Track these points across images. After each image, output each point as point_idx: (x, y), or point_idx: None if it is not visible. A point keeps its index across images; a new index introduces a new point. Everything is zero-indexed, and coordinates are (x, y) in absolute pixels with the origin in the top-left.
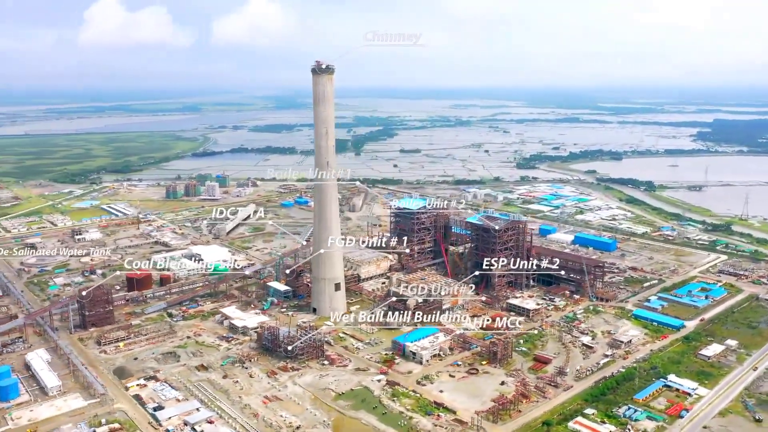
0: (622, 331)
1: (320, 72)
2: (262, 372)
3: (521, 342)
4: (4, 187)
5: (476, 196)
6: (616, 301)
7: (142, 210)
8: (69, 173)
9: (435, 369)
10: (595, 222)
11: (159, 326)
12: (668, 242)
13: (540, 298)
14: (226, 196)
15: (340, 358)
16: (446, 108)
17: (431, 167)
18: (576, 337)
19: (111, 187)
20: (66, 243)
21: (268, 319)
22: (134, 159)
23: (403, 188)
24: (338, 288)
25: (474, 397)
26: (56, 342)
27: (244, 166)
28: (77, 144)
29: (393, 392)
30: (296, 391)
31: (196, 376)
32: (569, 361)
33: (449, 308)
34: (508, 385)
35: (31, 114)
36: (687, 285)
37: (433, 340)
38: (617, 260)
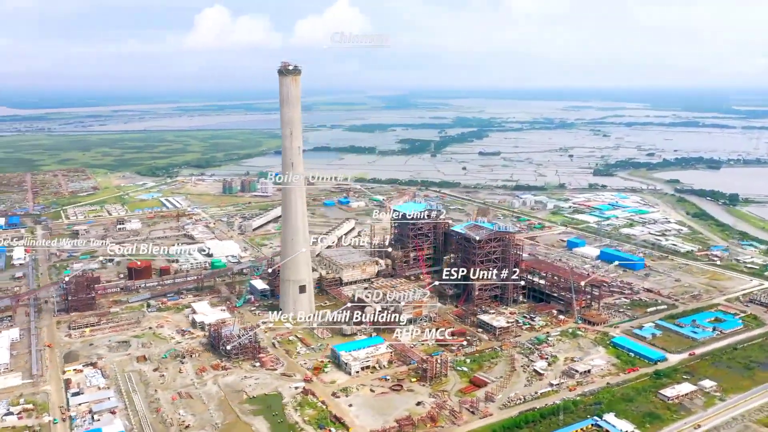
0: (586, 360)
1: (286, 73)
2: (193, 368)
3: (467, 361)
4: (91, 177)
5: (525, 203)
6: (605, 326)
7: (192, 203)
8: (154, 167)
9: (360, 381)
10: (640, 237)
11: (130, 316)
12: (711, 263)
13: (522, 315)
14: (278, 193)
15: (273, 361)
16: (557, 110)
17: (501, 171)
18: (532, 362)
19: (181, 180)
20: (108, 232)
21: (229, 316)
22: (220, 155)
23: (455, 191)
24: (303, 290)
25: (380, 415)
26: (30, 323)
27: (316, 164)
28: (181, 140)
29: (302, 401)
30: (211, 391)
31: (132, 367)
32: (507, 386)
33: (412, 318)
34: (424, 406)
35: (160, 111)
36: (699, 313)
37: (372, 351)
38: (638, 280)
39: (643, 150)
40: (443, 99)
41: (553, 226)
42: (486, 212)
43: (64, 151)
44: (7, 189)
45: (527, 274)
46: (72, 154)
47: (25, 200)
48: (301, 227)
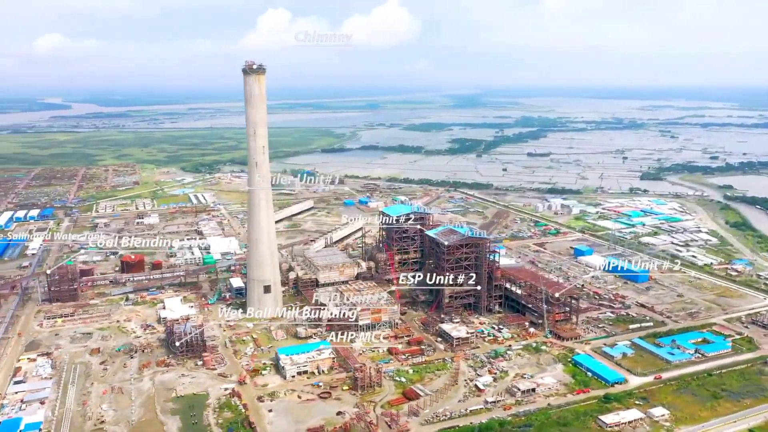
0: (536, 377)
1: (249, 72)
2: (138, 363)
3: (409, 371)
4: (137, 172)
5: (550, 207)
6: (575, 341)
7: (218, 200)
8: (199, 163)
9: (293, 386)
10: (660, 246)
11: (105, 308)
12: (727, 278)
13: (492, 325)
14: (303, 191)
15: (217, 360)
16: (634, 109)
17: (543, 172)
18: (479, 376)
19: (218, 177)
20: (127, 225)
21: (195, 312)
22: (270, 152)
23: (484, 193)
24: (268, 290)
25: (296, 423)
26: (9, 311)
27: (355, 162)
28: (238, 137)
29: (224, 403)
30: (144, 387)
31: (83, 359)
32: (439, 401)
33: (370, 324)
34: (343, 416)
35: (232, 109)
36: (686, 333)
37: (314, 355)
38: (636, 293)
39: (707, 153)
40: (516, 98)
41: (569, 233)
42: (503, 216)
43: (126, 146)
44: (58, 182)
45: (506, 282)
46: (132, 149)
47: (68, 193)
48: (266, 227)
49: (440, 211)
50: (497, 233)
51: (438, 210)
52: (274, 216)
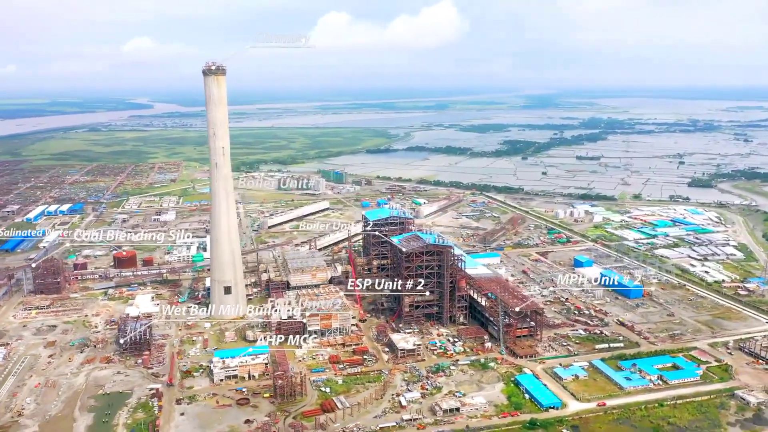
0: (469, 396)
1: (209, 73)
2: (83, 358)
3: (339, 382)
4: (179, 170)
5: (573, 214)
6: (531, 359)
7: (241, 199)
8: (241, 162)
9: (216, 390)
10: (674, 259)
11: (82, 302)
12: (731, 298)
13: (449, 337)
14: (327, 192)
15: (157, 360)
16: (717, 110)
17: (584, 177)
18: (409, 391)
19: (251, 176)
20: (144, 222)
21: (157, 310)
22: (312, 152)
23: (510, 197)
24: (228, 291)
25: (202, 428)
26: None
27: (393, 163)
28: (292, 136)
29: (143, 404)
30: (76, 383)
31: (36, 351)
32: (355, 415)
33: (319, 330)
34: (250, 425)
35: (300, 109)
36: (655, 356)
37: (247, 360)
38: (622, 310)
39: None
40: (595, 98)
41: (581, 242)
42: (516, 221)
43: (182, 144)
44: (103, 178)
45: (475, 293)
46: (186, 148)
47: (107, 189)
48: (226, 228)
49: (456, 216)
50: (503, 240)
51: (455, 214)
52: (235, 216)
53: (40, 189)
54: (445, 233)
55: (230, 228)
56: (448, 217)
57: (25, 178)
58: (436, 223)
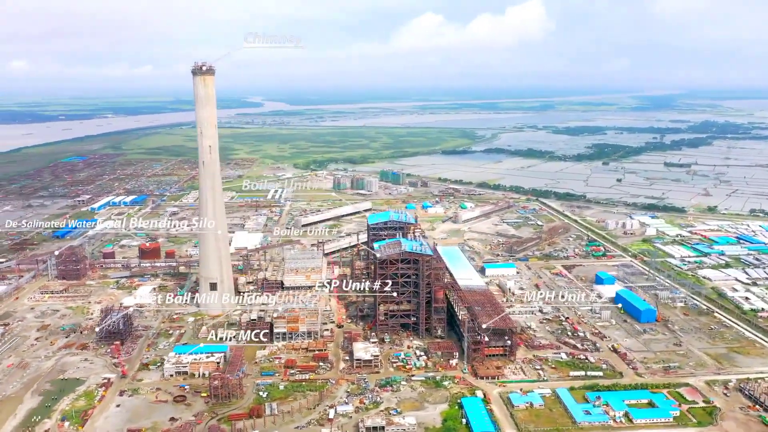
0: (402, 415)
1: (197, 73)
2: (63, 344)
3: (281, 387)
4: (250, 167)
5: (624, 225)
6: (491, 381)
7: (293, 197)
8: (313, 160)
9: (161, 384)
10: (716, 282)
11: (94, 289)
12: (763, 331)
13: (419, 350)
14: (380, 192)
15: (122, 352)
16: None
17: (661, 186)
18: (346, 403)
19: (314, 174)
20: (192, 215)
21: (150, 302)
22: (387, 152)
23: (565, 205)
24: (214, 287)
25: (127, 422)
26: (17, 283)
27: (463, 165)
28: (376, 136)
29: (89, 392)
30: (44, 366)
31: (29, 332)
32: (277, 423)
33: (286, 333)
34: (173, 422)
35: (398, 109)
36: (629, 391)
37: (202, 358)
38: (623, 335)
39: None
40: (719, 100)
41: (618, 257)
42: (557, 231)
43: (266, 142)
44: (178, 172)
45: (456, 305)
46: (268, 145)
47: (176, 183)
48: (210, 225)
49: (497, 222)
50: (533, 250)
51: (497, 220)
52: (223, 213)
53: (119, 180)
54: (478, 240)
55: (216, 225)
56: (488, 223)
57: (112, 171)
58: (472, 228)
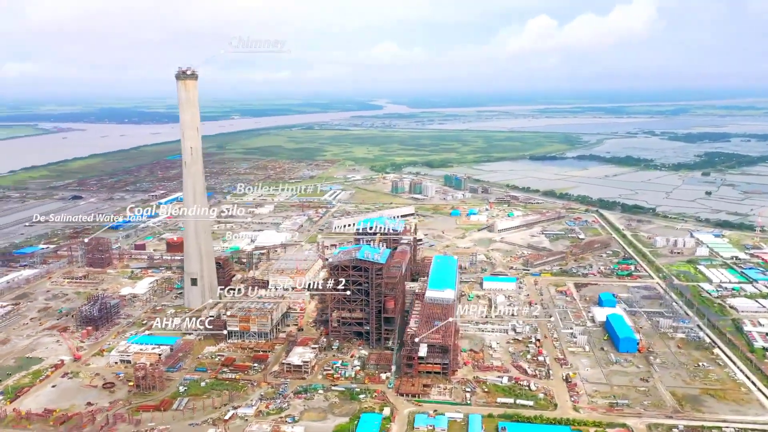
0: (293, 425)
1: (180, 77)
2: (50, 325)
3: (202, 384)
4: (328, 168)
5: (676, 243)
6: (410, 399)
7: (351, 198)
8: (392, 163)
9: (102, 370)
10: (744, 312)
11: (105, 277)
12: (761, 374)
13: (359, 360)
14: (435, 197)
15: (92, 337)
16: None
17: (754, 202)
18: (250, 406)
19: (381, 177)
20: (241, 212)
21: (142, 293)
22: (471, 156)
23: (625, 217)
24: (194, 283)
25: (51, 402)
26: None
27: (542, 172)
28: (471, 140)
29: (39, 371)
30: (20, 344)
31: (28, 312)
32: (175, 419)
33: (237, 331)
34: (89, 407)
35: (518, 113)
36: (544, 425)
37: (147, 348)
38: (594, 364)
39: None
40: None
41: (646, 278)
42: (592, 246)
43: (359, 144)
44: (259, 171)
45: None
46: (360, 147)
47: (250, 182)
48: (193, 224)
49: (536, 233)
50: (553, 264)
51: (538, 231)
52: (205, 212)
53: None
54: (503, 251)
55: (197, 224)
56: (526, 233)
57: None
58: (505, 239)
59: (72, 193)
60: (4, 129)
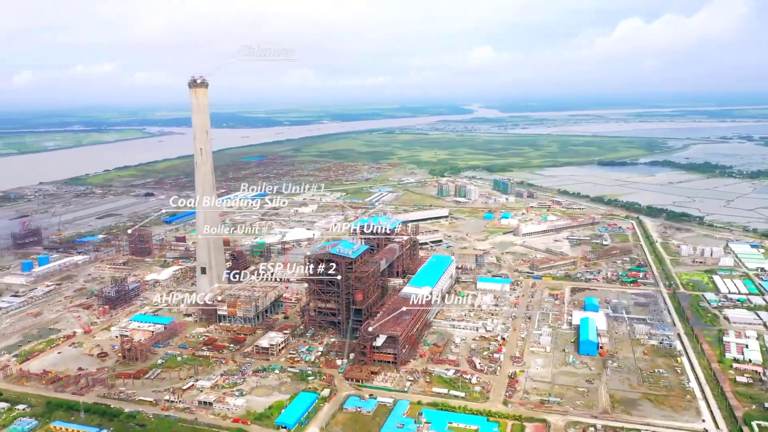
0: (235, 397)
1: (192, 86)
2: (78, 303)
3: (178, 359)
4: (386, 170)
5: (703, 253)
6: (354, 383)
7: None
8: (449, 167)
9: (104, 343)
10: (734, 323)
11: (141, 264)
12: (716, 383)
13: (326, 347)
14: (478, 200)
15: (107, 315)
16: None
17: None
18: (210, 380)
19: (434, 180)
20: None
21: (163, 279)
22: (537, 161)
23: (664, 225)
24: (203, 271)
25: (51, 365)
26: (97, 254)
27: (603, 178)
28: (546, 144)
29: (51, 341)
30: (48, 317)
31: (67, 292)
32: (144, 388)
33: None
34: (80, 371)
35: (611, 116)
36: (465, 414)
37: (145, 326)
38: (546, 364)
39: None
40: None
41: (650, 286)
42: (608, 252)
43: (430, 148)
44: (319, 173)
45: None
46: (428, 152)
47: (312, 183)
48: (203, 217)
49: (560, 239)
50: (560, 269)
51: (564, 236)
52: (215, 206)
53: (264, 179)
54: (517, 254)
55: (207, 217)
56: (549, 238)
57: (268, 170)
58: (525, 243)
59: (146, 191)
60: (116, 132)
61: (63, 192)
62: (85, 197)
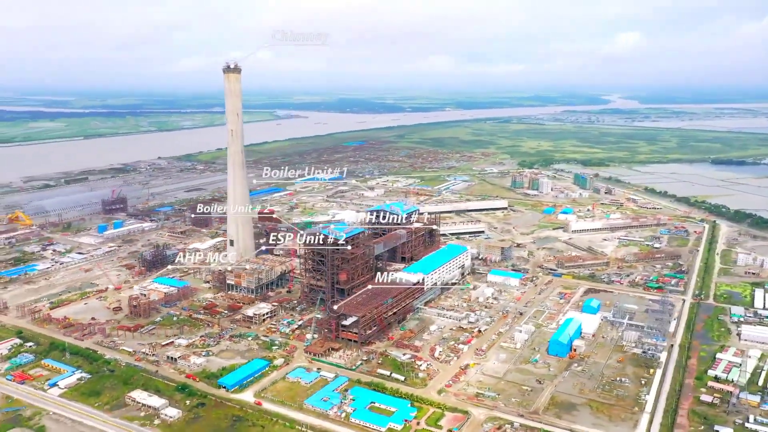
0: (202, 357)
1: (226, 71)
2: (122, 263)
3: (174, 318)
4: (471, 159)
5: (762, 263)
6: (310, 356)
7: (465, 190)
8: (542, 159)
9: (123, 299)
10: (744, 340)
11: (199, 234)
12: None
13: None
14: (549, 193)
15: (140, 275)
16: None
17: None
18: (188, 340)
19: (516, 171)
20: (352, 193)
21: (203, 248)
22: (642, 156)
23: (749, 231)
24: (231, 243)
25: (73, 314)
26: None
27: (710, 178)
28: (664, 139)
29: (85, 293)
30: (94, 274)
31: (122, 253)
32: (143, 336)
33: (233, 285)
34: (93, 320)
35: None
36: (383, 395)
37: (160, 288)
38: (508, 361)
39: None
40: None
41: (674, 293)
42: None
43: (536, 139)
44: (408, 159)
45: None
46: (531, 141)
47: (394, 168)
48: (232, 195)
49: (609, 238)
50: (590, 268)
51: (616, 236)
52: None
53: (353, 163)
54: (555, 250)
55: (236, 195)
56: (599, 237)
57: (361, 155)
58: (571, 240)
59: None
60: (249, 114)
61: (171, 167)
62: (186, 172)
